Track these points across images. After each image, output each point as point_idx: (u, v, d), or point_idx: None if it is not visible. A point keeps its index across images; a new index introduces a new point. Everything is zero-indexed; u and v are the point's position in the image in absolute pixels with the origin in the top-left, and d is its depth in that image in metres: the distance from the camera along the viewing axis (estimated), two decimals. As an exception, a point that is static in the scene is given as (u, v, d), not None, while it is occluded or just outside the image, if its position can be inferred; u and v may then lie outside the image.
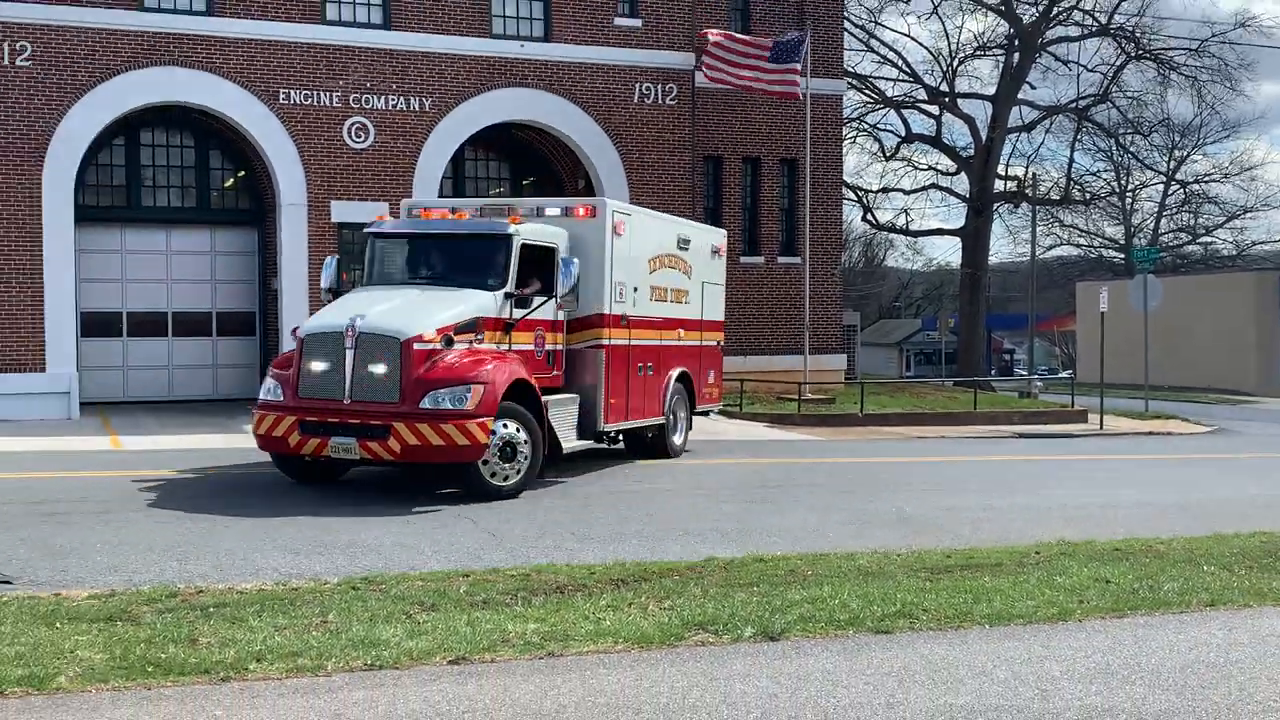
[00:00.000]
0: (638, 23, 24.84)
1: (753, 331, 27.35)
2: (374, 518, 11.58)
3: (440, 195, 23.28)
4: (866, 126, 45.25)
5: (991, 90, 44.03)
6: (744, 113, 27.33)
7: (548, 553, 9.97)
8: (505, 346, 13.57)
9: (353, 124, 22.78)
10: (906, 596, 8.23)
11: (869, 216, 49.16)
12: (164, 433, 18.36)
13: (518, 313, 13.71)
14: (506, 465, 12.90)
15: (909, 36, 73.05)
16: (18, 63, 20.70)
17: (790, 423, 23.25)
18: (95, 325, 22.58)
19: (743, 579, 8.76)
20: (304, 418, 12.65)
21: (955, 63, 44.43)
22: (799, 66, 24.87)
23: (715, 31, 25.63)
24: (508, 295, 13.67)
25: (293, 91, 22.32)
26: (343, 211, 22.45)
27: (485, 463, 12.77)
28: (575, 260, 14.18)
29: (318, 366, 12.81)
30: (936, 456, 19.38)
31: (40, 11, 20.74)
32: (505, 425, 12.87)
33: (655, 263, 16.30)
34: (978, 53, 44.31)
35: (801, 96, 25.34)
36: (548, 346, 14.33)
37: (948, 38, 48.72)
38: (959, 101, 44.98)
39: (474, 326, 13.19)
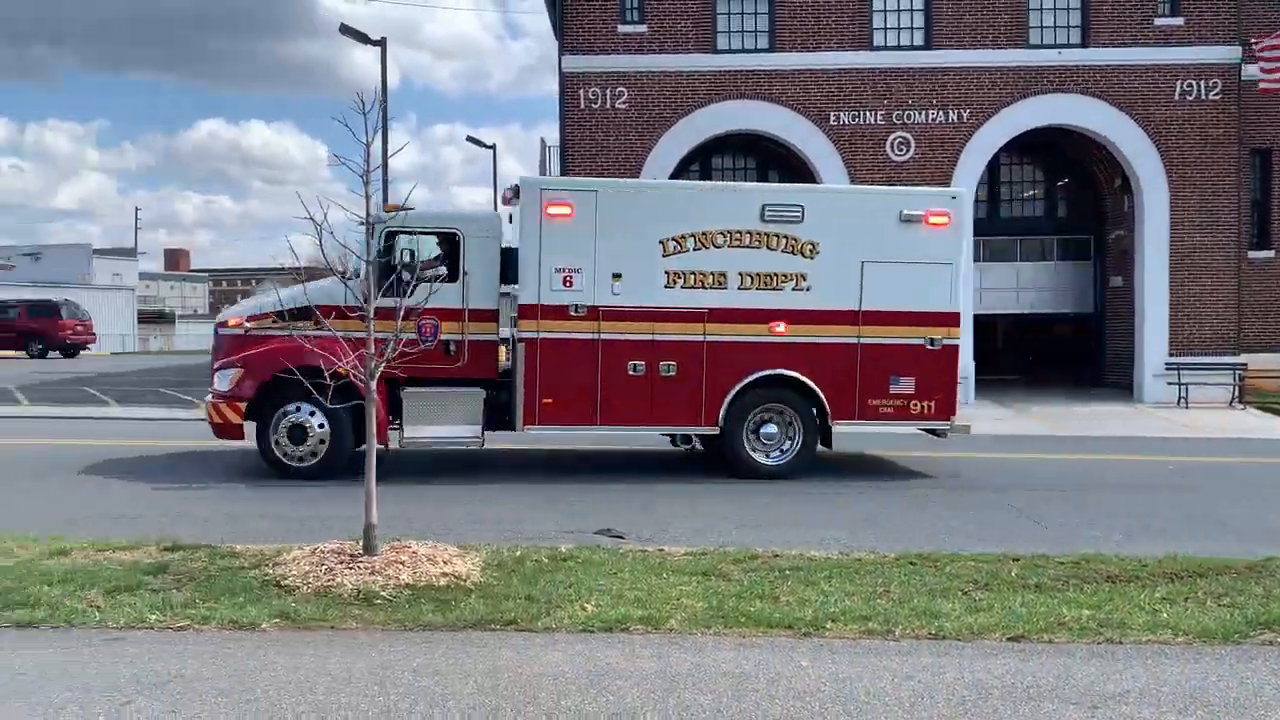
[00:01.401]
0: (1179, 21, 22.90)
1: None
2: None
3: (976, 201, 23.03)
4: None
5: None
6: (1296, 103, 24.64)
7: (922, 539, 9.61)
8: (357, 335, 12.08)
9: (895, 139, 22.88)
10: None
11: None
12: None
13: (383, 301, 11.59)
14: (298, 447, 12.51)
15: None
16: (617, 105, 22.94)
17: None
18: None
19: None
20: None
21: None
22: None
23: (1269, 37, 23.21)
24: (359, 280, 12.55)
25: (841, 113, 22.81)
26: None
27: (277, 443, 12.49)
28: (477, 249, 12.70)
29: None
30: None
31: (634, 60, 22.82)
32: (294, 409, 12.54)
33: (679, 243, 13.06)
34: None
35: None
36: (443, 336, 12.78)
37: None
38: None
39: (305, 313, 11.84)
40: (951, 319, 13.25)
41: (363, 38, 27.35)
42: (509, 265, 13.07)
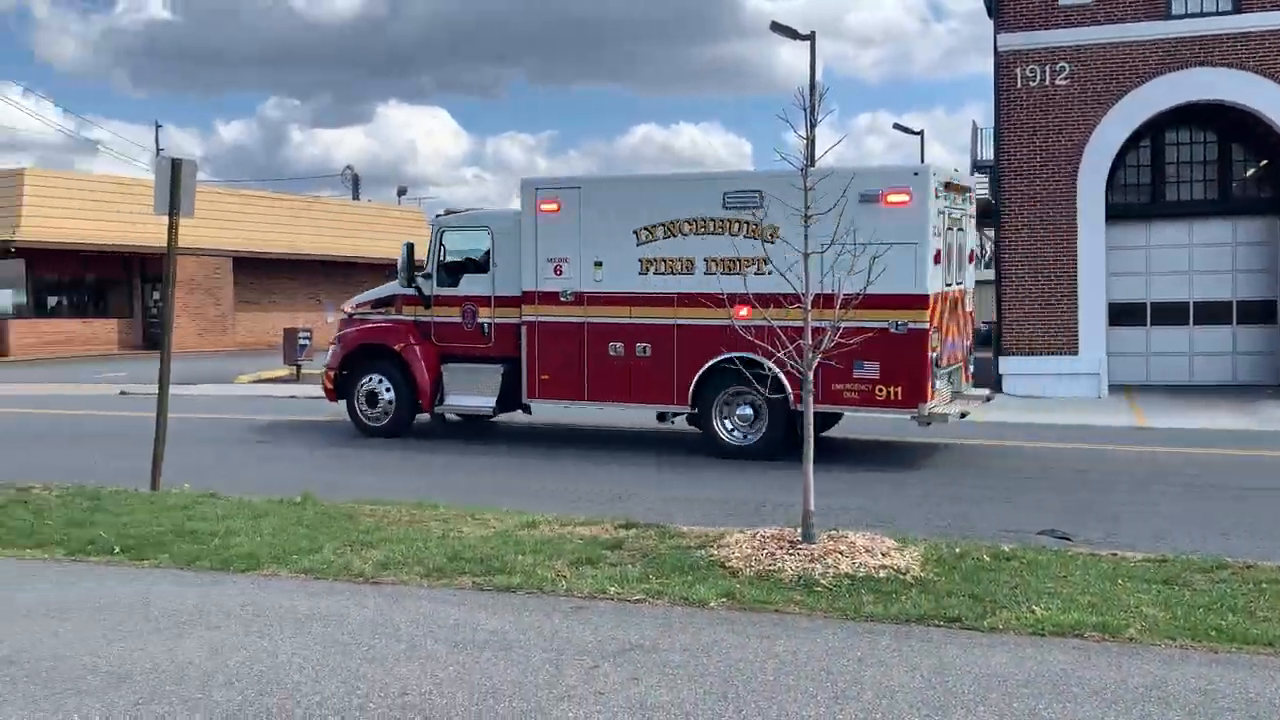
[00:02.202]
0: None
1: None
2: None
3: None
4: None
5: None
6: None
7: None
8: (425, 319, 15.28)
9: (1389, 101, 20.14)
10: None
11: None
12: (1185, 413, 17.85)
13: (441, 291, 15.10)
14: (372, 409, 15.49)
15: None
16: (1056, 82, 21.76)
17: None
18: (1121, 314, 22.60)
19: None
20: None
21: None
22: None
23: None
24: (425, 275, 15.28)
25: (1321, 75, 20.48)
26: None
27: (358, 406, 15.54)
28: (503, 244, 14.61)
29: None
30: None
31: (1076, 34, 21.44)
32: (371, 379, 15.51)
33: (653, 232, 13.73)
34: None
35: None
36: (481, 320, 14.89)
37: None
38: None
39: (389, 301, 15.57)
40: (917, 301, 12.54)
41: (792, 33, 27.77)
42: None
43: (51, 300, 42.88)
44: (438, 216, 15.60)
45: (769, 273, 13.02)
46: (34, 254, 39.90)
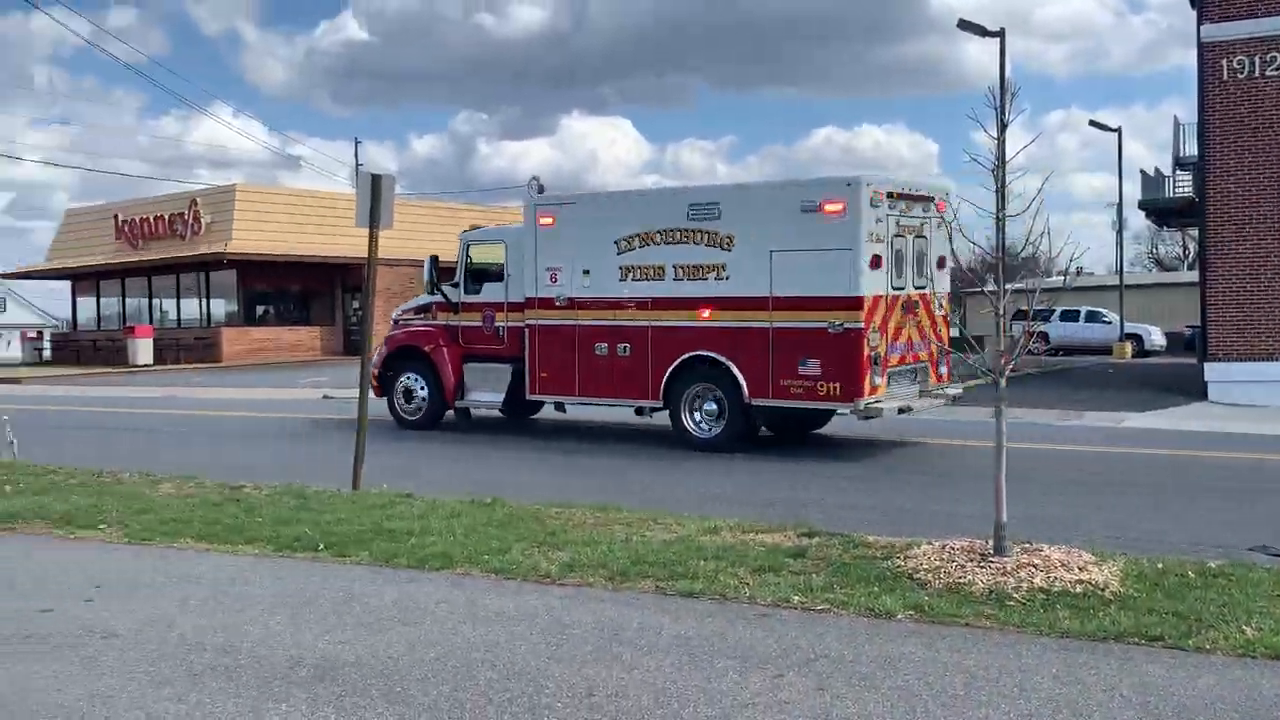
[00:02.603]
0: None
1: None
2: None
3: None
4: None
5: None
6: None
7: None
8: (454, 323, 16.88)
9: None
10: None
11: None
12: None
13: (467, 298, 16.64)
14: (409, 404, 17.26)
15: None
16: (1267, 73, 20.52)
17: None
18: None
19: None
20: None
21: None
22: None
23: None
24: (454, 284, 16.86)
25: None
26: None
27: (396, 401, 17.36)
28: (515, 256, 16.06)
29: None
30: None
31: (1288, 21, 20.41)
32: (407, 377, 17.26)
33: (630, 242, 15.01)
34: None
35: None
36: (497, 324, 16.33)
37: None
38: None
39: (427, 308, 17.27)
40: (853, 303, 13.42)
41: (981, 30, 27.06)
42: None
43: (259, 309, 45.41)
44: (464, 232, 17.28)
45: (726, 278, 14.44)
46: (244, 265, 42.37)
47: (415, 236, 43.84)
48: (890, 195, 13.82)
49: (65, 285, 52.16)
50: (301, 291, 45.91)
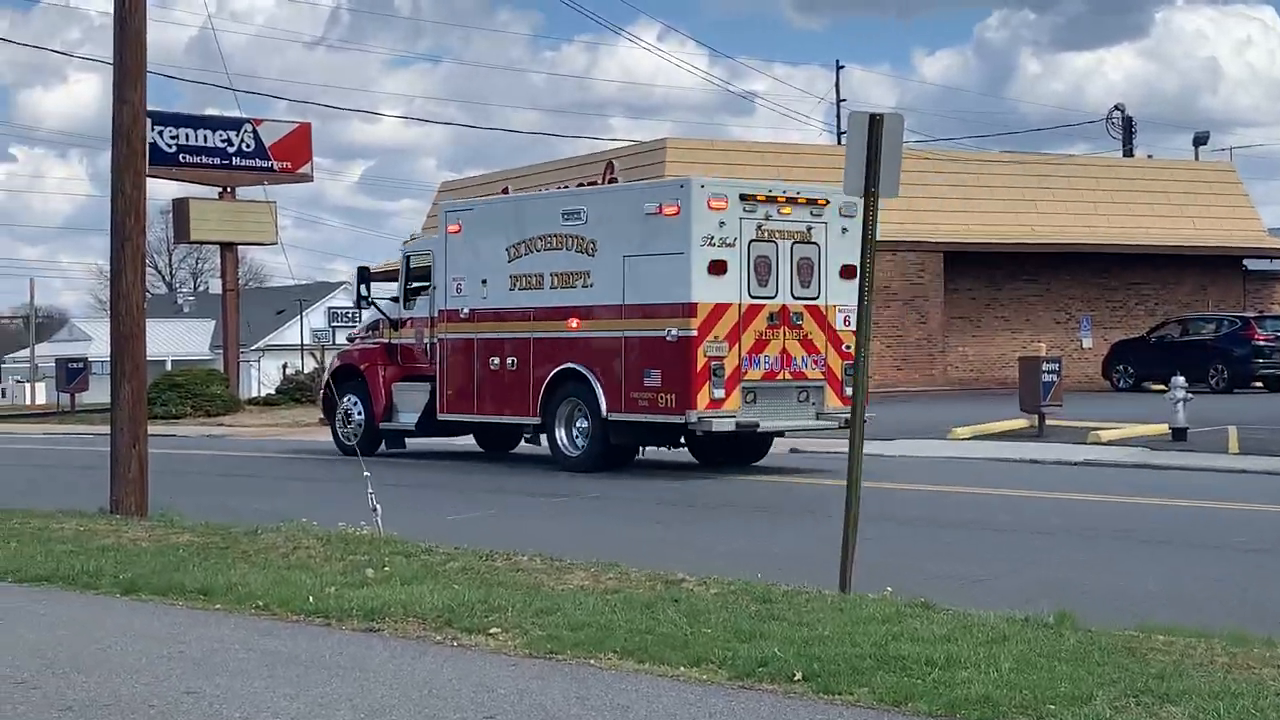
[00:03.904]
0: None
1: None
2: None
3: None
4: None
5: None
6: None
7: None
8: (395, 341, 21.53)
9: None
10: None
11: None
12: None
13: (405, 313, 21.50)
14: (348, 427, 20.73)
15: None
16: None
17: None
18: None
19: None
20: None
21: None
22: None
23: None
24: (393, 299, 21.58)
25: None
26: None
27: (339, 426, 22.38)
28: (436, 266, 20.25)
29: None
30: None
31: None
32: (347, 399, 20.52)
33: (519, 249, 19.03)
34: None
35: None
36: (426, 340, 20.79)
37: None
38: None
39: (375, 325, 22.47)
40: (688, 310, 16.87)
41: None
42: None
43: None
44: (404, 244, 20.14)
45: (591, 285, 18.19)
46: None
47: (924, 205, 37.64)
48: (749, 197, 16.97)
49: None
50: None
